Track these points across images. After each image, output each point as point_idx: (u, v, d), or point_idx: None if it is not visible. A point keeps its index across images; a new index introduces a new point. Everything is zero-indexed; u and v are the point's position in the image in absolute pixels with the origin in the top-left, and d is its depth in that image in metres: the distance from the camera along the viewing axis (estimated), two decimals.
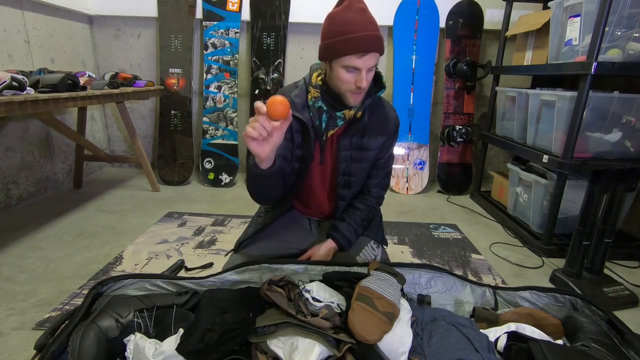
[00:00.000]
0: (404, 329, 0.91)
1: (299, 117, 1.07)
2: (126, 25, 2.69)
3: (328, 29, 0.97)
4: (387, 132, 1.17)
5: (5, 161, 2.00)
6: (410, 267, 1.17)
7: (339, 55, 0.96)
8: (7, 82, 1.33)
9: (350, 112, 1.08)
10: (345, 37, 0.94)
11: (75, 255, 1.58)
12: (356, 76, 0.98)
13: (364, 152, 1.17)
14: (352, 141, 1.14)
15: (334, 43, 0.96)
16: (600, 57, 1.48)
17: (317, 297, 0.96)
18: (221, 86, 2.61)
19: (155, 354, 0.84)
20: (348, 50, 0.94)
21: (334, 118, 1.09)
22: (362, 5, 0.97)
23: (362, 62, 0.95)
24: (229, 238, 1.79)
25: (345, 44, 0.94)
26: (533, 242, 1.81)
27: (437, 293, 1.17)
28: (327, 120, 1.10)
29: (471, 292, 1.17)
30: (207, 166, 2.63)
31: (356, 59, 0.95)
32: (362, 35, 0.93)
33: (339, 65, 0.98)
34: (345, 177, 1.19)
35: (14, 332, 1.11)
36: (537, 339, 0.90)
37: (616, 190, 1.32)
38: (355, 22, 0.94)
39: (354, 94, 1.02)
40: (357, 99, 1.04)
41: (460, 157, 2.67)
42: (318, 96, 1.08)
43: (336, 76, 1.00)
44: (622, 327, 0.97)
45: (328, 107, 1.08)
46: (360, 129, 1.13)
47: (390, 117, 1.17)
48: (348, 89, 1.00)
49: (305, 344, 0.84)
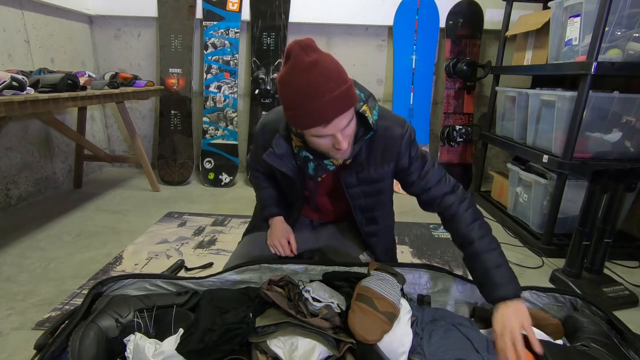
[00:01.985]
0: (404, 329, 0.91)
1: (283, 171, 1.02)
2: (126, 25, 2.69)
3: (283, 98, 0.85)
4: (395, 155, 1.02)
5: (5, 161, 2.00)
6: (410, 267, 1.17)
7: (303, 128, 0.86)
8: (7, 82, 1.33)
9: (337, 160, 0.99)
10: (300, 110, 0.81)
11: (75, 255, 1.58)
12: (332, 140, 0.87)
13: (377, 185, 1.06)
14: (359, 177, 1.04)
15: (294, 116, 0.84)
16: (600, 57, 1.48)
17: (317, 297, 0.96)
18: (221, 86, 2.61)
19: (155, 354, 0.84)
20: (310, 123, 0.83)
21: (322, 165, 1.00)
22: (311, 57, 0.79)
23: (331, 129, 0.83)
24: (229, 238, 1.79)
25: (305, 117, 0.82)
26: (533, 242, 1.81)
27: (437, 293, 1.17)
28: (315, 168, 1.01)
29: (471, 292, 1.17)
30: (207, 166, 2.63)
31: (322, 129, 0.83)
32: (318, 105, 0.79)
33: (309, 136, 0.88)
34: (365, 213, 1.11)
35: (13, 332, 1.11)
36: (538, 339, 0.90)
37: (616, 190, 1.32)
38: (307, 87, 0.79)
39: (337, 152, 0.91)
40: (344, 154, 0.93)
41: (460, 157, 2.67)
42: (301, 145, 0.98)
43: (311, 142, 0.91)
44: (622, 327, 0.97)
45: (314, 155, 0.99)
46: (361, 164, 1.03)
47: (394, 139, 1.01)
48: (328, 150, 0.91)
49: (305, 344, 0.84)
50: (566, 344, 0.99)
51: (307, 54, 0.79)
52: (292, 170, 1.03)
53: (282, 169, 1.02)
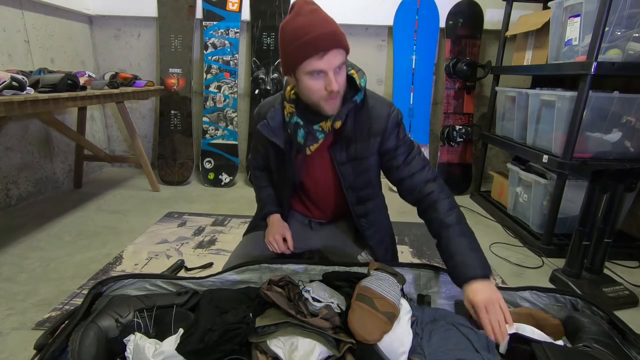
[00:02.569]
0: (404, 329, 0.91)
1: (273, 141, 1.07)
2: (126, 25, 2.69)
3: (282, 39, 0.92)
4: (379, 131, 1.05)
5: (5, 161, 2.00)
6: (410, 267, 1.17)
7: (299, 62, 0.90)
8: (7, 82, 1.33)
9: (327, 124, 1.01)
10: (299, 42, 0.87)
11: (75, 255, 1.58)
12: (324, 80, 0.91)
13: (364, 162, 1.09)
14: (348, 153, 1.07)
15: (290, 51, 0.90)
16: (600, 57, 1.48)
17: (317, 297, 0.96)
18: (221, 86, 2.61)
19: (155, 353, 0.84)
20: (306, 53, 0.88)
21: (312, 132, 1.03)
22: (312, 6, 0.91)
23: (325, 63, 0.88)
24: (229, 238, 1.79)
25: (301, 48, 0.88)
26: (533, 242, 1.81)
27: (437, 293, 1.17)
28: (305, 136, 1.04)
29: None
30: (207, 166, 2.63)
31: (318, 61, 0.88)
32: (316, 35, 0.87)
33: (303, 74, 0.92)
34: (355, 192, 1.13)
35: (13, 332, 1.11)
36: (539, 340, 0.90)
37: (616, 190, 1.32)
38: (307, 24, 0.88)
39: (328, 100, 0.94)
40: (333, 106, 0.96)
41: (460, 157, 2.67)
42: (293, 112, 1.03)
43: (304, 87, 0.94)
44: (624, 328, 0.97)
45: (304, 121, 1.03)
46: (350, 138, 1.05)
47: (380, 117, 1.05)
48: (320, 97, 0.93)
49: (305, 344, 0.84)
50: (567, 344, 0.99)
51: (308, 4, 0.92)
52: (283, 142, 1.07)
53: (273, 139, 1.06)
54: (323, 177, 1.15)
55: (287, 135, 1.07)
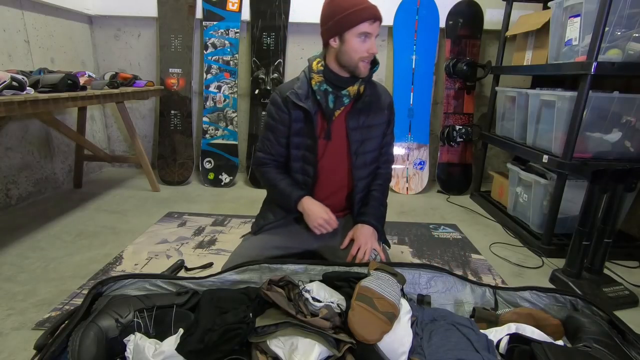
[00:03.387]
0: (403, 329, 0.91)
1: (302, 106, 1.19)
2: (126, 25, 2.69)
3: (335, 7, 1.10)
4: (386, 105, 1.28)
5: (5, 161, 2.00)
6: (410, 267, 1.17)
7: (354, 25, 1.09)
8: (7, 82, 1.33)
9: (353, 87, 1.19)
10: (356, 9, 1.08)
11: (75, 255, 1.58)
12: (368, 43, 1.11)
13: (372, 130, 1.26)
14: (360, 121, 1.23)
15: (346, 16, 1.08)
16: (600, 57, 1.48)
17: (317, 297, 0.96)
18: (221, 86, 2.61)
19: (155, 354, 0.84)
20: (362, 18, 1.08)
21: (340, 97, 1.20)
22: None
23: (374, 28, 1.11)
24: (229, 238, 1.79)
25: (358, 13, 1.08)
26: (533, 242, 1.81)
27: (437, 293, 1.17)
28: (334, 100, 1.20)
29: (471, 292, 1.17)
30: (207, 166, 2.63)
31: (369, 26, 1.09)
32: (369, 5, 1.09)
33: (353, 36, 1.10)
34: (360, 156, 1.26)
35: (13, 332, 1.11)
36: (539, 340, 0.90)
37: (616, 190, 1.32)
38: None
39: (365, 62, 1.14)
40: (366, 69, 1.16)
41: (460, 157, 2.67)
42: (322, 80, 1.19)
43: (350, 48, 1.11)
44: (624, 328, 0.97)
45: (333, 87, 1.19)
46: (365, 107, 1.23)
47: (385, 93, 1.30)
48: (361, 57, 1.12)
49: (305, 344, 0.84)
50: (567, 344, 0.99)
51: None
52: (312, 108, 1.20)
53: (301, 104, 1.19)
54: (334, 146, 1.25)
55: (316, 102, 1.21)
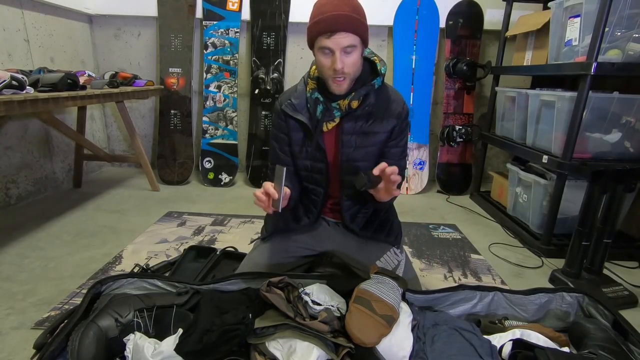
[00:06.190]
0: (404, 333, 0.91)
1: (299, 118, 1.12)
2: (126, 25, 2.69)
3: (310, 16, 1.00)
4: (396, 115, 1.12)
5: (5, 160, 2.00)
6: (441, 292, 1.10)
7: (313, 39, 0.99)
8: (6, 81, 1.32)
9: (344, 102, 1.07)
10: (316, 19, 0.96)
11: (75, 255, 1.58)
12: (330, 58, 0.98)
13: (369, 137, 1.12)
14: (357, 125, 1.11)
15: (309, 26, 0.99)
16: (600, 58, 1.48)
17: (317, 300, 0.95)
18: (221, 86, 2.61)
19: (154, 353, 0.84)
20: (317, 31, 0.96)
21: (330, 110, 1.09)
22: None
23: (333, 43, 0.95)
24: (229, 238, 1.79)
25: (315, 26, 0.96)
26: (532, 242, 1.81)
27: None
28: (322, 111, 1.09)
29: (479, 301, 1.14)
30: (207, 166, 2.62)
31: (326, 40, 0.95)
32: (330, 15, 0.94)
33: (316, 50, 1.00)
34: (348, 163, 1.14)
35: (13, 332, 1.11)
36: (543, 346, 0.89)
37: (615, 190, 1.32)
38: (328, 3, 0.95)
39: (335, 79, 1.01)
40: (340, 86, 1.03)
41: (460, 157, 2.67)
42: (315, 87, 1.11)
43: (317, 62, 1.03)
44: (628, 328, 0.96)
45: (324, 97, 1.09)
46: (366, 113, 1.10)
47: (398, 101, 1.13)
48: (328, 74, 1.01)
49: (304, 347, 0.84)
50: (572, 351, 0.98)
51: None
52: (307, 119, 1.11)
53: (297, 116, 1.11)
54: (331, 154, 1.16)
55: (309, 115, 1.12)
